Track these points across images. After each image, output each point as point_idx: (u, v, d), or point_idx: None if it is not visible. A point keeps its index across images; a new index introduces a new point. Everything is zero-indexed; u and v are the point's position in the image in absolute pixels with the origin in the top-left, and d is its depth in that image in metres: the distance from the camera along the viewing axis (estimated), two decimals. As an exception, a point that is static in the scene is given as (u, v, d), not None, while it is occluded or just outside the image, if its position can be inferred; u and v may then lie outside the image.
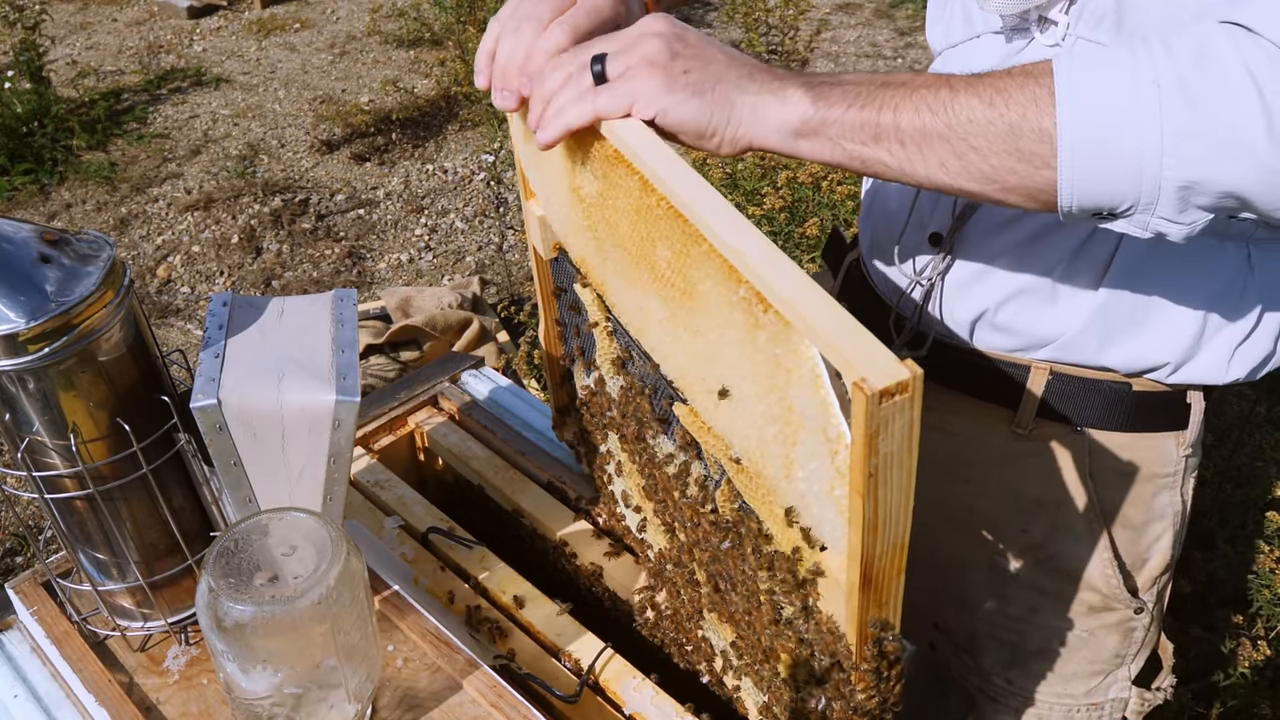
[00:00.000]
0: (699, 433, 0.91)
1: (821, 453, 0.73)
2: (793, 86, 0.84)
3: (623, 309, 0.97)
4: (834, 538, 0.77)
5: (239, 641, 0.84)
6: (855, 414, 0.65)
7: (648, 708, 1.05)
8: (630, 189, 0.86)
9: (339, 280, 3.97)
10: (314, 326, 1.01)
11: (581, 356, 1.16)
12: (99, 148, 4.79)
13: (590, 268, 1.01)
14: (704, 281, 0.80)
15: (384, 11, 6.23)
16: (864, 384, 0.63)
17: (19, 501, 2.62)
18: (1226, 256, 1.05)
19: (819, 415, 0.72)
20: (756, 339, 0.76)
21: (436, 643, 1.05)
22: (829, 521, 0.76)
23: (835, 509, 0.74)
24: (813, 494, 0.77)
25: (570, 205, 0.98)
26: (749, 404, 0.81)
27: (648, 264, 0.88)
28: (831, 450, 0.72)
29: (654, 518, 1.11)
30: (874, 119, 0.81)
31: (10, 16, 4.76)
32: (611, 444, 1.17)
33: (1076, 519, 1.19)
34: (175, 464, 1.00)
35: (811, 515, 0.78)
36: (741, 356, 0.79)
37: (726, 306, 0.78)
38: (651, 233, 0.85)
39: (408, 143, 4.87)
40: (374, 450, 1.41)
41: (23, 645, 1.10)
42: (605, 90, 0.84)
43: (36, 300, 0.86)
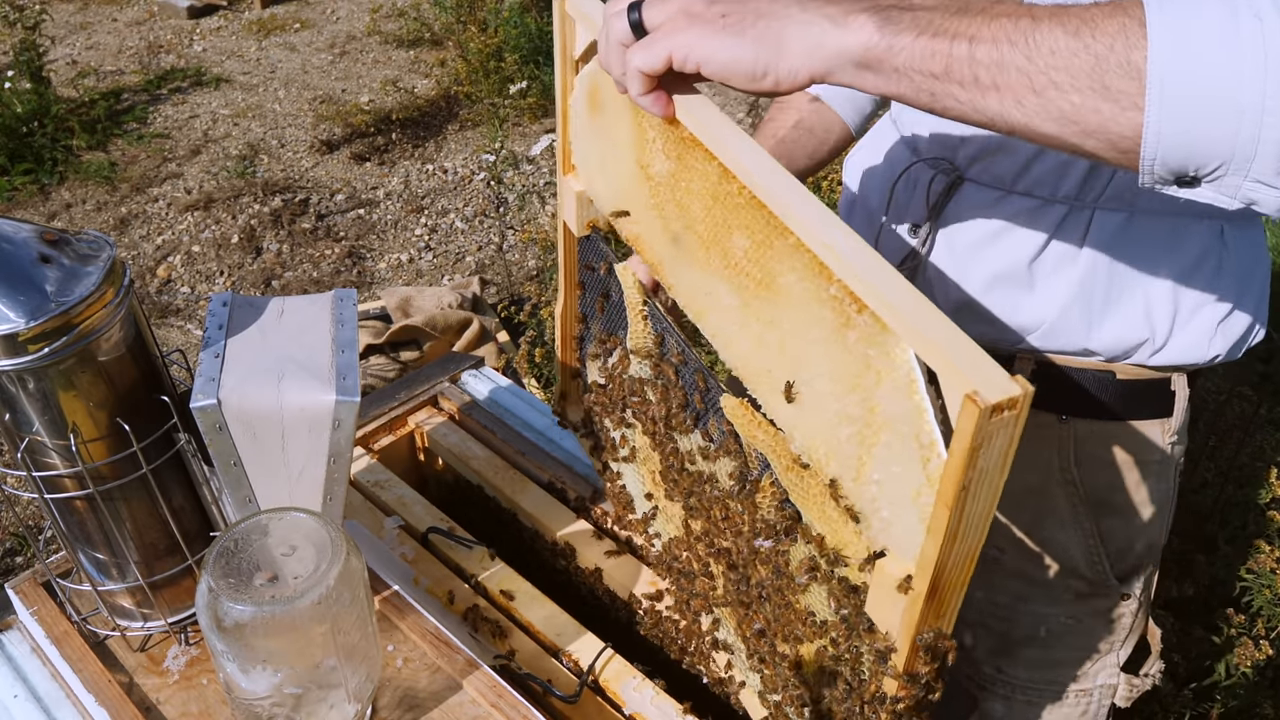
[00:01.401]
0: (747, 427, 0.90)
1: (909, 458, 0.71)
2: (856, 11, 0.76)
3: (682, 290, 0.95)
4: (904, 544, 0.75)
5: (239, 641, 0.83)
6: (961, 427, 0.64)
7: (648, 708, 1.05)
8: (707, 174, 0.84)
9: (339, 280, 3.97)
10: (314, 326, 1.01)
11: (601, 341, 1.14)
12: (99, 148, 4.79)
13: (646, 246, 0.98)
14: (786, 275, 0.78)
15: (384, 11, 6.23)
16: (976, 397, 0.62)
17: (19, 501, 2.62)
18: (1198, 233, 1.06)
19: (911, 421, 0.70)
20: (845, 338, 0.74)
21: (436, 643, 1.05)
22: (903, 527, 0.74)
23: (917, 516, 0.72)
24: (887, 498, 0.75)
25: (634, 181, 0.96)
26: (822, 401, 0.79)
27: (720, 250, 0.85)
28: (923, 457, 0.70)
29: (668, 507, 1.10)
30: (946, 49, 0.73)
31: (10, 16, 4.76)
32: (626, 430, 1.15)
33: (1063, 507, 1.19)
34: (175, 464, 1.00)
35: (880, 519, 0.77)
36: (824, 354, 0.77)
37: (812, 302, 0.76)
38: (728, 220, 0.83)
39: (408, 143, 4.87)
40: (374, 450, 1.41)
41: (23, 645, 1.10)
42: (642, 46, 0.79)
43: (36, 300, 0.86)
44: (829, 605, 0.86)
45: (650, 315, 1.04)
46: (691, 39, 0.78)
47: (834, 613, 0.86)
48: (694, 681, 1.15)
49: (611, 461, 1.21)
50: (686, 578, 1.11)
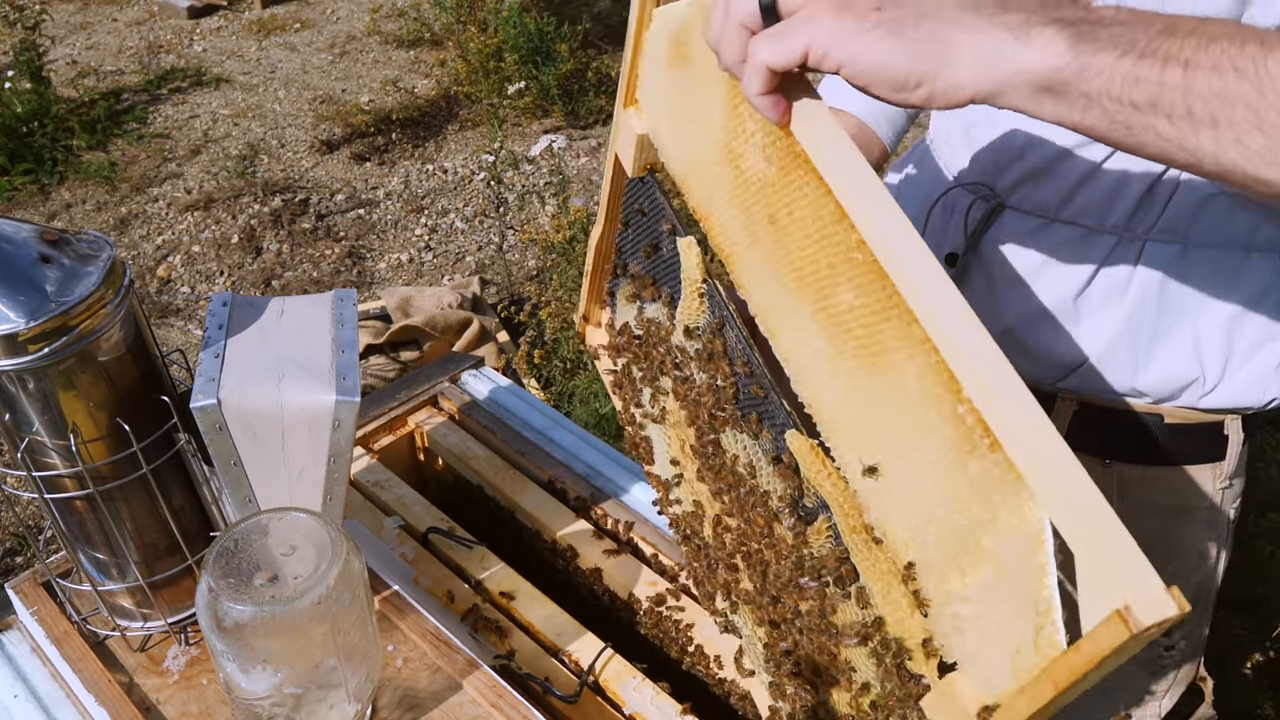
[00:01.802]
0: (815, 475, 0.83)
1: (1015, 611, 0.65)
2: (1041, 23, 0.64)
3: (755, 298, 0.84)
4: (988, 679, 0.69)
5: (239, 641, 0.83)
6: (1099, 636, 0.57)
7: (648, 708, 1.05)
8: (818, 207, 0.73)
9: (339, 280, 3.97)
10: (314, 326, 1.01)
11: (641, 285, 1.03)
12: (99, 148, 4.79)
13: (717, 229, 0.86)
14: (902, 360, 0.70)
15: (384, 11, 6.23)
16: (1129, 616, 0.55)
17: (19, 501, 2.62)
18: (1260, 267, 1.00)
19: (1028, 577, 0.64)
20: (964, 465, 0.67)
21: (436, 643, 1.05)
22: (991, 668, 0.68)
23: (1011, 669, 0.66)
24: (976, 629, 0.69)
25: (717, 163, 0.83)
26: (915, 496, 0.72)
27: (817, 289, 0.76)
28: (1036, 623, 0.63)
29: (696, 484, 1.01)
30: (1156, 75, 0.62)
31: (10, 16, 4.76)
32: (658, 391, 1.05)
33: None
34: (175, 464, 1.00)
35: (962, 642, 0.71)
36: (931, 462, 0.69)
37: (930, 407, 0.68)
38: (836, 267, 0.73)
39: (408, 143, 4.87)
40: (374, 450, 1.41)
41: (23, 645, 1.10)
42: (772, 35, 0.68)
43: (36, 300, 0.86)
44: (875, 674, 0.81)
45: (709, 298, 0.94)
46: (836, 34, 0.66)
47: (879, 683, 0.81)
48: (694, 681, 1.14)
49: (635, 409, 1.10)
50: (703, 556, 1.04)
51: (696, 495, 1.04)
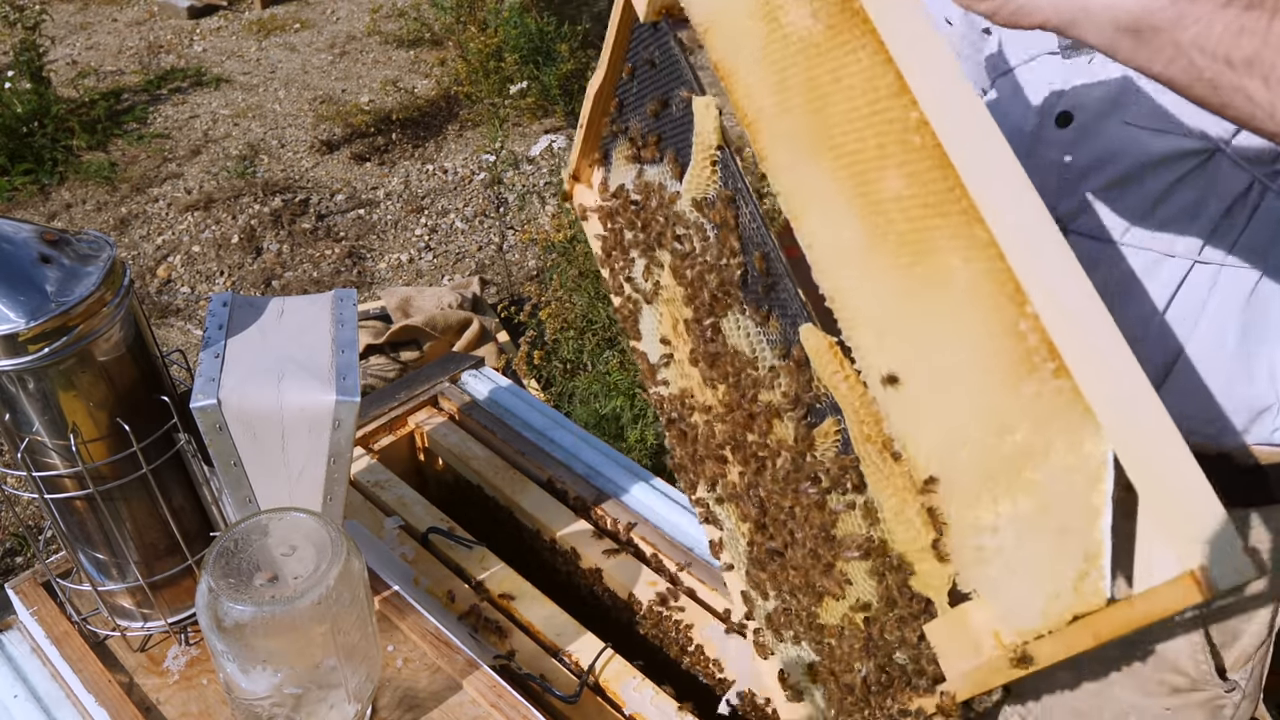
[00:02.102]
0: (830, 375, 0.75)
1: (1058, 553, 0.60)
2: None
3: (779, 172, 0.74)
4: (1010, 615, 0.64)
5: (239, 641, 0.83)
6: (1162, 596, 0.53)
7: (648, 708, 1.05)
8: (871, 75, 0.64)
9: (339, 280, 3.97)
10: (314, 326, 1.01)
11: (641, 143, 0.94)
12: (99, 148, 4.79)
13: (740, 87, 0.76)
14: (957, 267, 0.61)
15: (384, 11, 6.22)
16: (1203, 578, 0.51)
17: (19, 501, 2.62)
18: None
19: (1076, 518, 0.58)
20: (1018, 388, 0.60)
21: (436, 643, 1.05)
22: (1017, 603, 0.64)
23: (1042, 611, 0.61)
24: (1005, 563, 0.64)
25: (751, 16, 0.74)
26: (949, 412, 0.65)
27: (858, 173, 0.67)
28: (1080, 569, 0.58)
29: (688, 366, 0.94)
30: (1261, 26, 0.55)
31: (10, 16, 4.76)
32: (652, 263, 0.96)
33: None
34: (175, 464, 1.00)
35: (985, 572, 0.66)
36: (976, 378, 0.62)
37: (984, 317, 0.61)
38: (887, 149, 0.64)
39: (408, 143, 4.87)
40: (374, 450, 1.41)
41: (23, 645, 1.10)
42: None
43: (36, 300, 0.86)
44: (874, 591, 0.77)
45: (723, 166, 0.84)
46: None
47: (878, 601, 0.77)
48: (694, 681, 1.14)
49: (625, 282, 1.01)
50: (689, 443, 0.96)
51: (686, 379, 0.95)
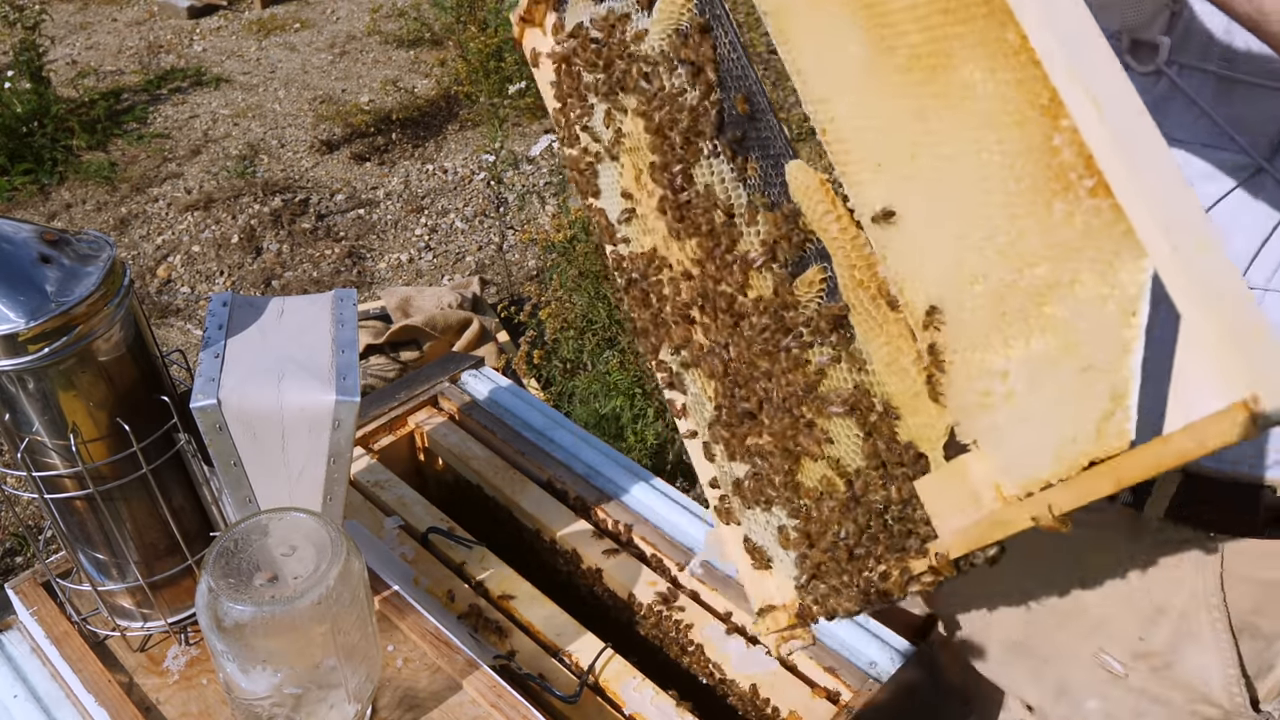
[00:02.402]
0: (820, 216, 0.71)
1: (1078, 394, 0.55)
2: None
3: None
4: (1013, 466, 0.61)
5: (239, 641, 0.83)
6: (1205, 428, 0.49)
7: (648, 708, 1.05)
8: None
9: (339, 280, 3.97)
10: (314, 326, 1.01)
11: None
12: (99, 148, 4.79)
13: None
14: (980, 80, 0.56)
15: (384, 11, 6.23)
16: (1255, 405, 0.46)
17: (19, 501, 2.62)
18: None
19: (1104, 354, 0.53)
20: (1049, 210, 0.55)
21: (436, 643, 1.05)
22: (1023, 451, 0.60)
23: (1053, 458, 0.57)
24: (1014, 409, 0.60)
25: None
26: (953, 244, 0.60)
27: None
28: (1105, 409, 0.54)
29: (652, 220, 0.88)
30: None
31: (10, 16, 4.76)
32: (614, 108, 0.88)
33: (1203, 631, 1.07)
34: (175, 464, 1.00)
35: (987, 418, 0.62)
36: (998, 211, 0.57)
37: (1010, 137, 0.56)
38: None
39: (408, 143, 4.87)
40: (374, 450, 1.41)
41: (23, 645, 1.10)
42: None
43: (36, 300, 0.86)
44: (859, 448, 0.73)
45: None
46: None
47: (863, 458, 0.73)
48: (694, 681, 1.15)
49: (582, 131, 0.93)
50: (651, 304, 0.91)
51: (651, 234, 0.89)
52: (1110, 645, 1.13)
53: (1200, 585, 1.06)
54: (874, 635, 1.11)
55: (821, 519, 0.78)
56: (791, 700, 1.06)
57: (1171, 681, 1.11)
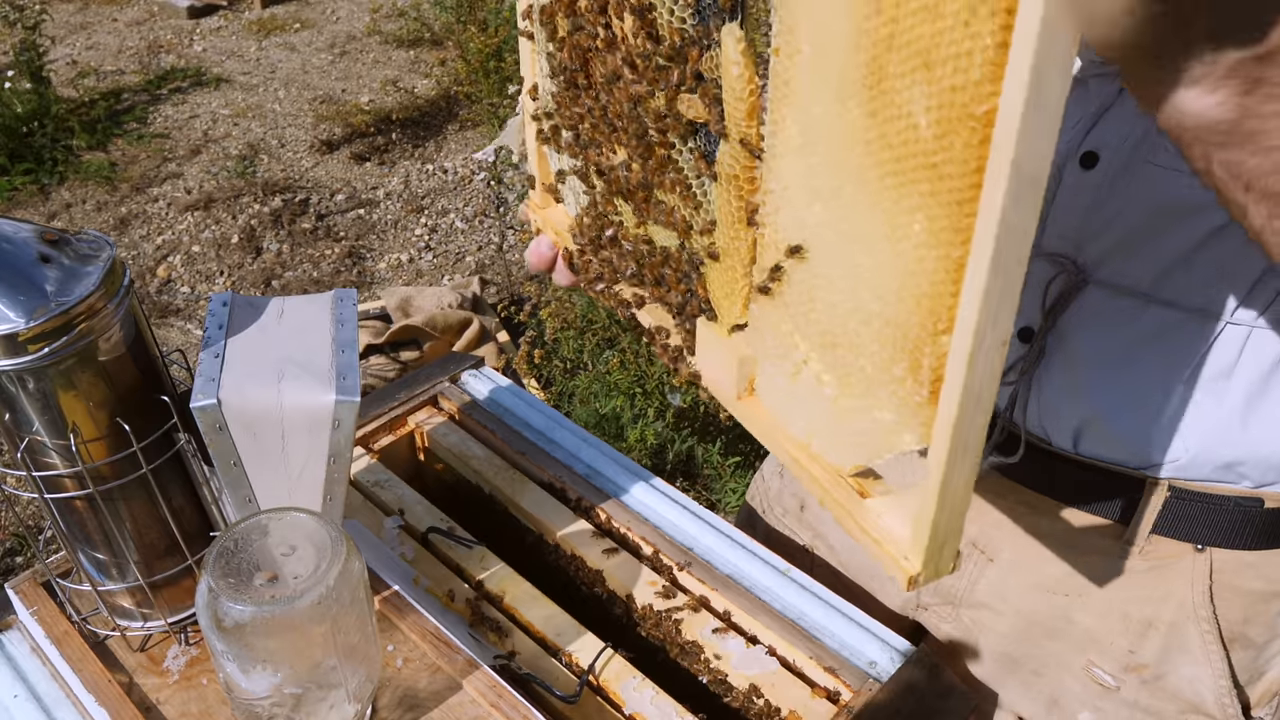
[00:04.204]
0: (733, 104, 0.73)
1: (851, 415, 0.63)
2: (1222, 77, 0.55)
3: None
4: (779, 401, 0.71)
5: (239, 641, 0.83)
6: (883, 549, 0.58)
7: (648, 708, 1.05)
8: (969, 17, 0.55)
9: (339, 280, 3.97)
10: (314, 326, 1.01)
11: None
12: (99, 148, 4.79)
13: None
14: (918, 230, 0.59)
15: (384, 11, 6.23)
16: (914, 580, 0.57)
17: (19, 501, 2.62)
18: None
19: (880, 417, 0.62)
20: (898, 358, 0.62)
21: (436, 643, 1.05)
22: (791, 405, 0.70)
23: (810, 427, 0.67)
24: (805, 388, 0.68)
25: None
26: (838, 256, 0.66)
27: (880, 67, 0.61)
28: (859, 441, 0.62)
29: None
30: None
31: (10, 16, 4.76)
32: None
33: (1193, 643, 1.07)
34: (175, 464, 1.00)
35: (776, 369, 0.71)
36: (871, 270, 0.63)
37: (901, 288, 0.61)
38: (932, 73, 0.58)
39: (408, 143, 4.87)
40: (374, 450, 1.41)
41: (23, 645, 1.10)
42: None
43: (36, 300, 0.86)
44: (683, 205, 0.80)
45: None
46: None
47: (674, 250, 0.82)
48: (694, 681, 1.15)
49: None
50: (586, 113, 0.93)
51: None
52: (1100, 658, 1.13)
53: (1190, 598, 1.06)
54: (874, 635, 1.11)
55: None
56: (791, 700, 1.06)
57: (1163, 693, 1.11)
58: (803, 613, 1.14)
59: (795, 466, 0.75)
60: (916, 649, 1.10)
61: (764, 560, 1.21)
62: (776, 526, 1.41)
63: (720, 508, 2.87)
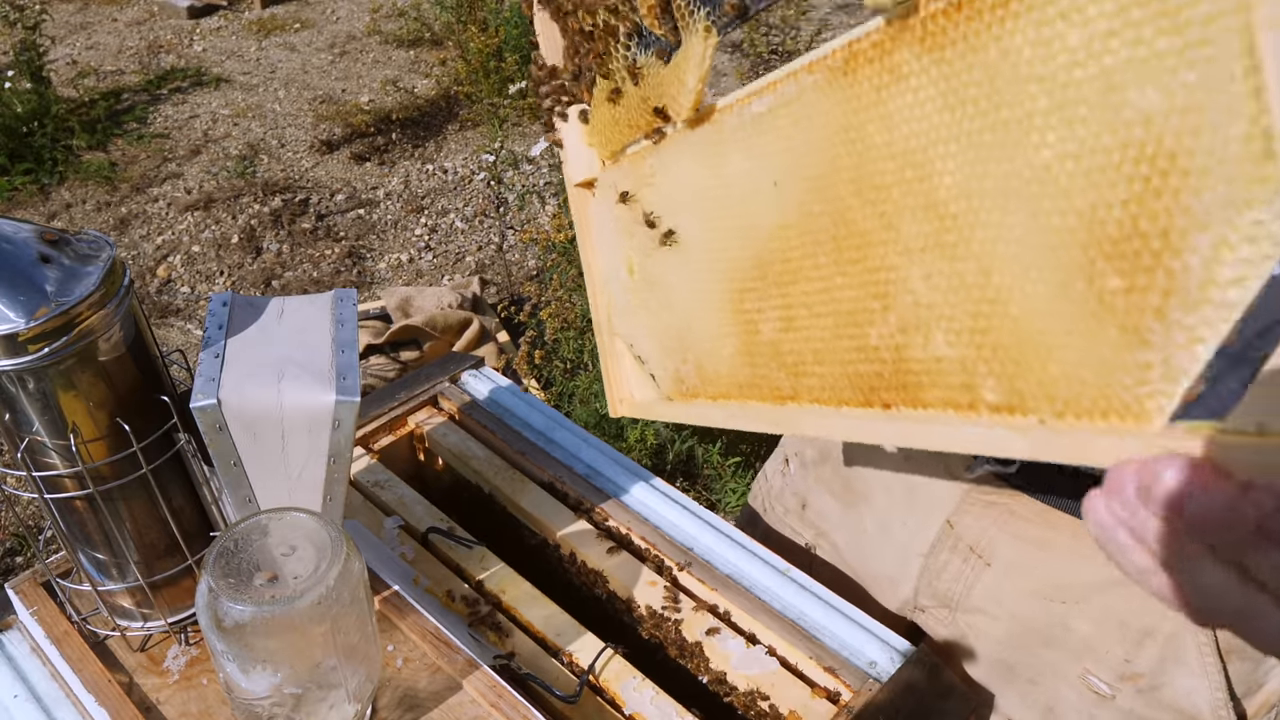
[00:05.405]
0: (670, 93, 0.80)
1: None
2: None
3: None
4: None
5: (239, 641, 0.83)
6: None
7: (647, 708, 1.05)
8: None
9: (339, 280, 3.97)
10: (314, 326, 1.01)
11: None
12: (99, 148, 4.79)
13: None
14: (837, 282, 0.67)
15: (384, 11, 6.23)
16: None
17: (19, 501, 2.62)
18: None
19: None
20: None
21: (436, 643, 1.05)
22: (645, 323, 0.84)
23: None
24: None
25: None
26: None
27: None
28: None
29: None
30: None
31: (10, 16, 4.76)
32: None
33: (1190, 654, 1.07)
34: (175, 464, 1.00)
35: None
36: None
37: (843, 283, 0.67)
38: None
39: (408, 143, 4.87)
40: (374, 450, 1.41)
41: (23, 645, 1.10)
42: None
43: (36, 300, 0.86)
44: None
45: None
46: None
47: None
48: (694, 681, 1.15)
49: None
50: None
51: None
52: (1096, 666, 1.13)
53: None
54: (874, 635, 1.11)
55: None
56: (791, 700, 1.06)
57: (1159, 703, 1.11)
58: (803, 613, 1.14)
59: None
60: (916, 649, 1.10)
61: (764, 560, 1.21)
62: (777, 526, 1.41)
63: (720, 508, 2.87)
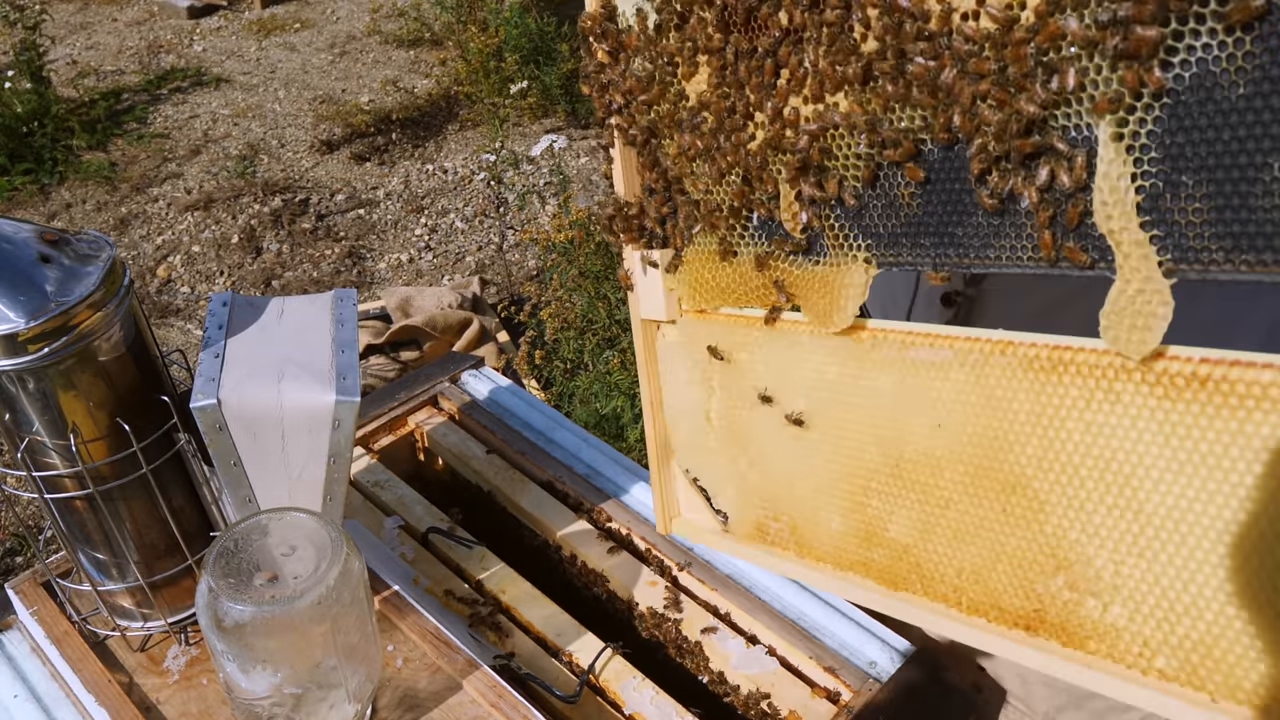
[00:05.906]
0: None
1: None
2: None
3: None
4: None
5: (239, 641, 0.83)
6: None
7: (647, 707, 1.05)
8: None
9: (339, 280, 3.97)
10: (314, 326, 1.01)
11: None
12: (99, 148, 4.79)
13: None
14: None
15: (384, 11, 6.23)
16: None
17: (19, 501, 2.62)
18: None
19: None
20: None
21: (436, 643, 1.05)
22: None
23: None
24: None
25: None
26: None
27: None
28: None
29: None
30: None
31: (10, 16, 4.76)
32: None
33: None
34: (175, 464, 1.00)
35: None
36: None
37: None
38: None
39: (408, 143, 4.87)
40: (374, 450, 1.41)
41: (23, 645, 1.10)
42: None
43: (36, 300, 0.86)
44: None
45: None
46: None
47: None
48: (694, 681, 1.15)
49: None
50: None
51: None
52: None
53: None
54: (874, 635, 1.11)
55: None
56: (791, 700, 1.06)
57: None
58: (803, 613, 1.14)
59: None
60: (916, 649, 1.10)
61: (764, 560, 1.21)
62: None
63: (720, 508, 2.86)
